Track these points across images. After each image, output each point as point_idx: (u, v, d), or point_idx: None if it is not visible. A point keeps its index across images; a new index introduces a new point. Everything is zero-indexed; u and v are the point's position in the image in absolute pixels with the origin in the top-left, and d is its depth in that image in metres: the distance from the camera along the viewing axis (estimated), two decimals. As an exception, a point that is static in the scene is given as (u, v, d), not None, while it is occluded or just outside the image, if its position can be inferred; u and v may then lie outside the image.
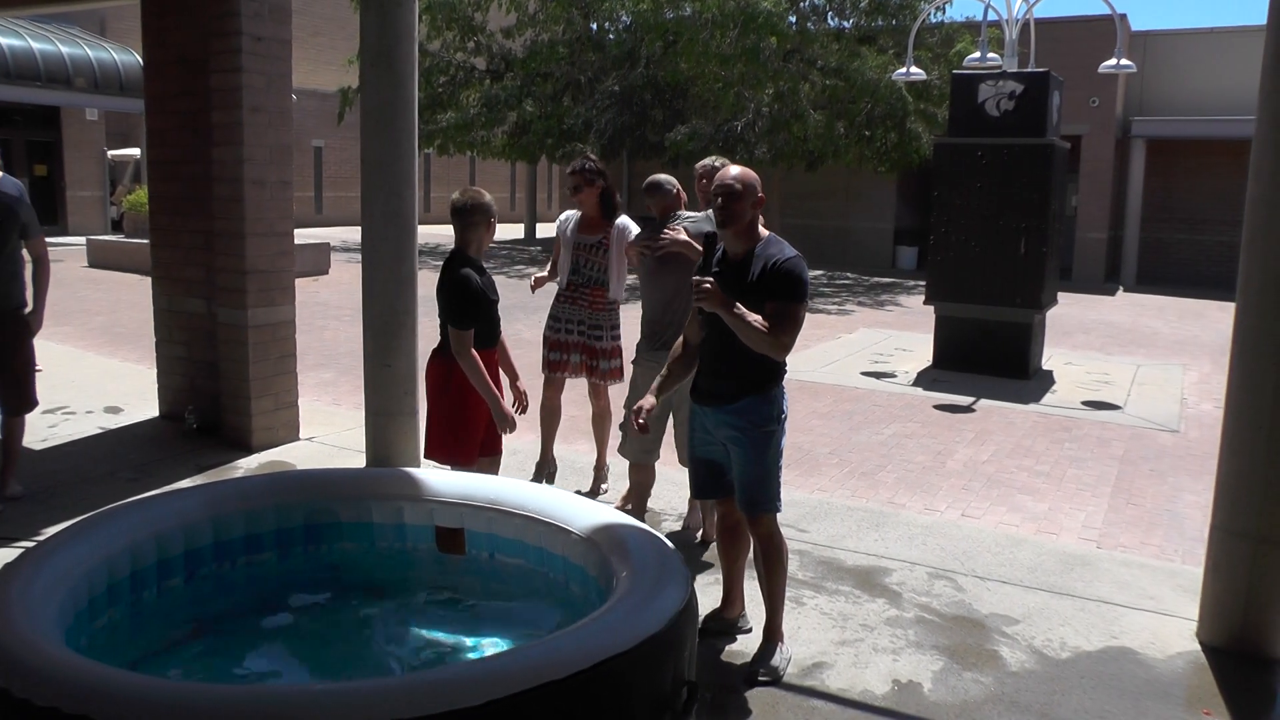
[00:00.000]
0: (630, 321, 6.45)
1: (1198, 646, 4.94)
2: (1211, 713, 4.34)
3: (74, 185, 28.60)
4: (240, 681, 3.80)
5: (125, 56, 27.02)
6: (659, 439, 6.04)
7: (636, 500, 6.18)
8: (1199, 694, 4.51)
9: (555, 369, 6.97)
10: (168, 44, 7.84)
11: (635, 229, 6.77)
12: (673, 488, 6.72)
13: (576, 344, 6.96)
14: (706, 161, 5.87)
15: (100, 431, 8.04)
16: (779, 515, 4.54)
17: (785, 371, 4.44)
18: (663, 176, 6.17)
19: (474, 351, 5.17)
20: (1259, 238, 4.73)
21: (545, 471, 7.08)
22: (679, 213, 6.06)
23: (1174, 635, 5.04)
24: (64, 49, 25.91)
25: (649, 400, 4.60)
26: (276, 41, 7.53)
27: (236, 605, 4.29)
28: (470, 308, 5.17)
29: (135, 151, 28.20)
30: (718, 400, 4.41)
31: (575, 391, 10.49)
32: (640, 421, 4.53)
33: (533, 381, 6.05)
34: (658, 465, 7.46)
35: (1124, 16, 17.68)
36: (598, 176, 6.91)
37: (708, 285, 4.12)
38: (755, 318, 4.13)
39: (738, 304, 4.14)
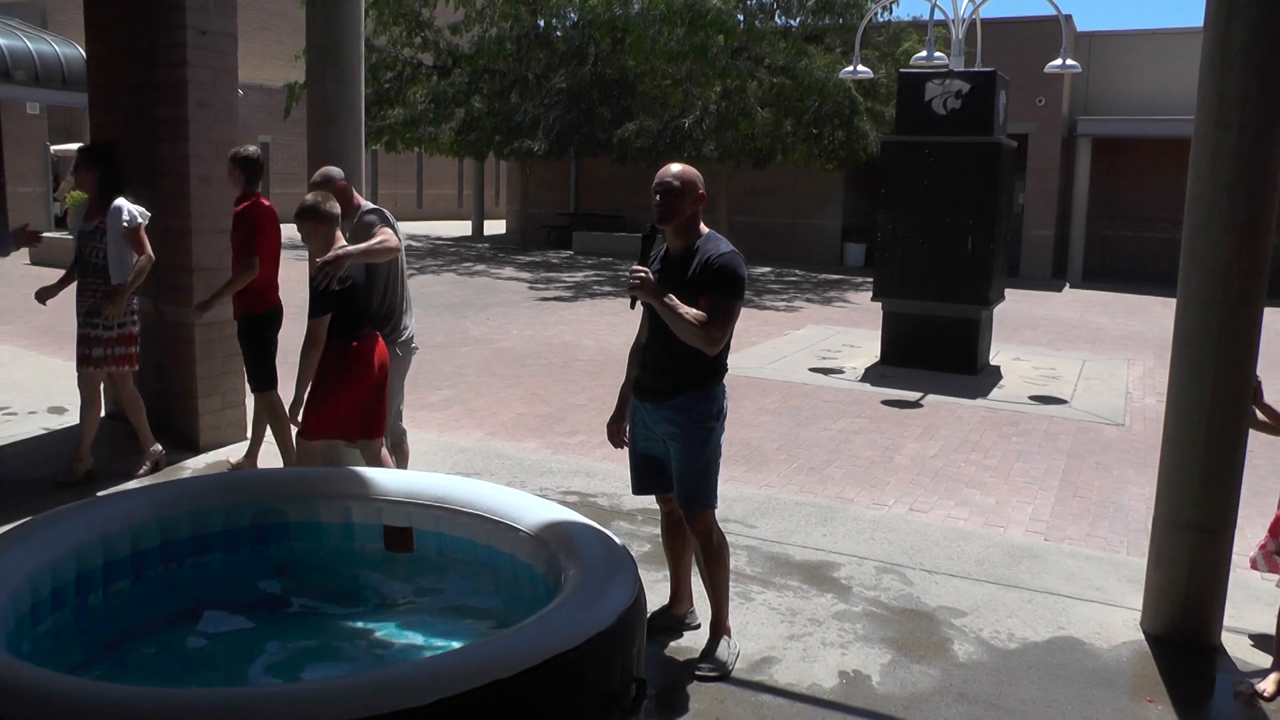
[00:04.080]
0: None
1: (1142, 636, 5.02)
2: (1154, 700, 4.41)
3: (15, 181, 28.15)
4: (186, 684, 3.76)
5: (68, 49, 26.61)
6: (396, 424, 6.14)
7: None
8: (1143, 682, 4.58)
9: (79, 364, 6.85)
10: (112, 37, 7.73)
11: (131, 210, 6.59)
12: (620, 484, 6.72)
13: (79, 335, 6.79)
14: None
15: (44, 432, 7.93)
16: (723, 511, 4.56)
17: (726, 369, 4.46)
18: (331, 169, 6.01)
19: (319, 341, 5.39)
20: (1198, 235, 4.80)
21: (79, 469, 6.86)
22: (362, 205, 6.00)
23: (1119, 625, 5.12)
24: (3, 41, 25.45)
25: (617, 415, 4.72)
26: (223, 35, 7.45)
27: (183, 607, 4.24)
28: (315, 297, 5.42)
29: (79, 146, 27.78)
30: (658, 396, 4.42)
31: (523, 388, 10.50)
32: (623, 439, 4.67)
33: (489, 381, 6.04)
34: (606, 465, 7.47)
35: (1069, 17, 17.86)
36: (97, 160, 6.69)
37: (641, 275, 4.13)
38: (688, 310, 4.15)
39: (670, 295, 4.15)
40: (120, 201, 6.59)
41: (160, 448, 7.08)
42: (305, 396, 5.47)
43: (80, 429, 6.86)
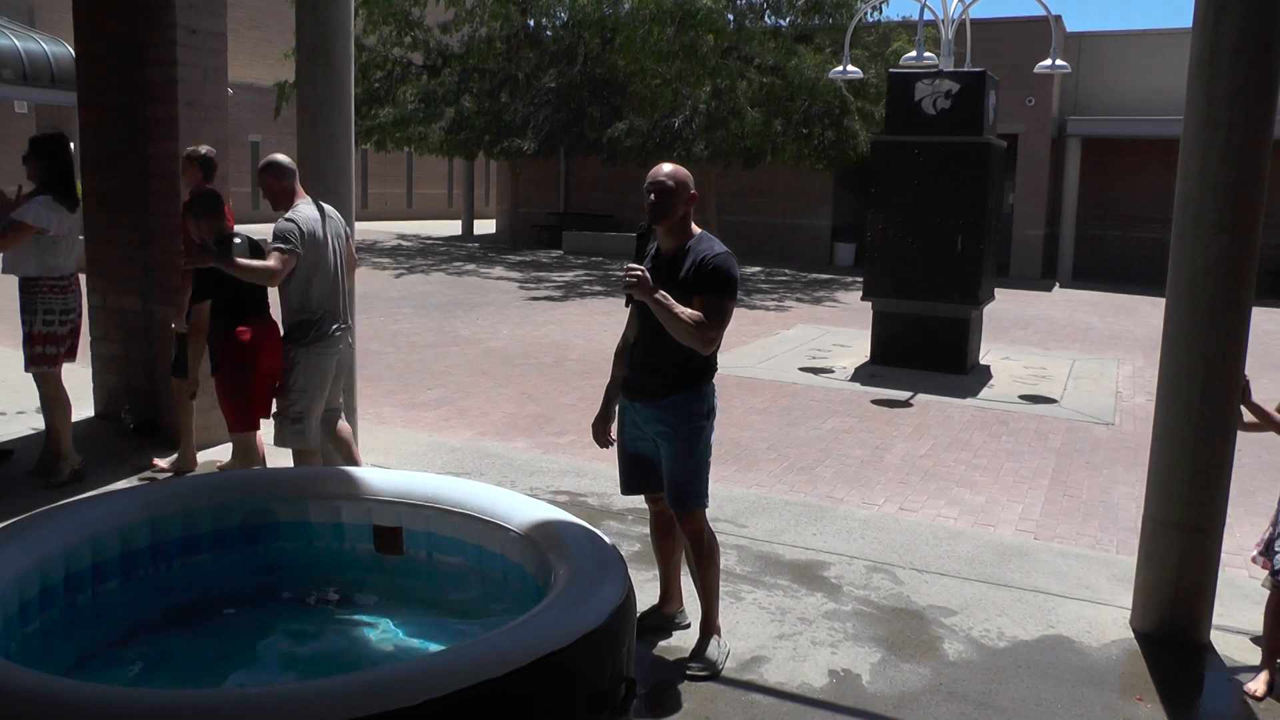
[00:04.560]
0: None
1: (1131, 634, 5.03)
2: (1144, 698, 4.42)
3: (3, 180, 28.04)
4: (176, 686, 3.75)
5: (56, 48, 26.48)
6: (317, 427, 5.99)
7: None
8: (1132, 680, 4.59)
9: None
10: (101, 36, 7.71)
11: (38, 210, 6.51)
12: (610, 484, 6.72)
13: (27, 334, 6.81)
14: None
15: (33, 433, 7.90)
16: (714, 510, 4.56)
17: (716, 369, 4.47)
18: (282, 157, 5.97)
19: (200, 326, 5.87)
20: (1187, 235, 4.82)
21: (67, 465, 6.83)
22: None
23: (1109, 623, 5.13)
24: (-10, 39, 25.35)
25: (603, 415, 4.70)
26: (212, 34, 7.43)
27: (173, 608, 4.23)
28: (196, 284, 5.86)
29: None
30: (648, 396, 4.42)
31: (513, 388, 10.50)
32: (608, 440, 4.67)
33: (479, 381, 6.04)
34: (596, 464, 7.47)
35: (1059, 18, 17.90)
36: (41, 153, 6.67)
37: (638, 273, 4.13)
38: (684, 310, 4.15)
39: (664, 293, 4.16)
40: (38, 199, 6.51)
41: (79, 459, 6.93)
42: (196, 378, 6.16)
43: (55, 429, 6.85)
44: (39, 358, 6.70)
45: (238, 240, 5.76)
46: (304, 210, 5.76)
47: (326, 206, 6.03)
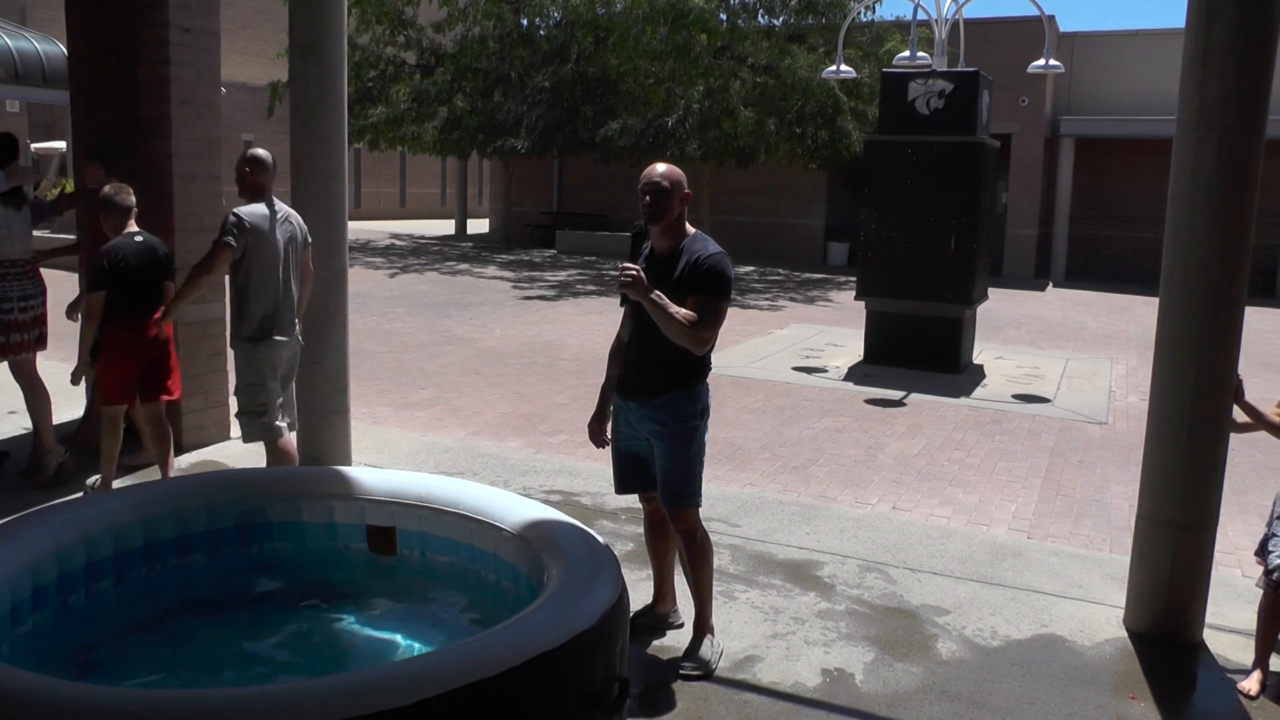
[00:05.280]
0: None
1: (1124, 633, 5.04)
2: (1137, 697, 4.43)
3: (-3, 180, 27.95)
4: (168, 686, 3.74)
5: (49, 47, 26.41)
6: (277, 411, 6.00)
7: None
8: (1125, 679, 4.60)
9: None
10: (94, 35, 7.68)
11: None
12: (603, 483, 6.71)
13: None
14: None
15: (25, 432, 7.87)
16: (707, 509, 4.56)
17: (710, 368, 4.47)
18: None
19: (93, 313, 6.16)
20: (1180, 235, 4.82)
21: (51, 461, 6.84)
22: None
23: (1102, 622, 5.14)
24: (-19, 39, 25.30)
25: (599, 415, 4.70)
26: (205, 33, 7.42)
27: (166, 608, 4.22)
28: (95, 274, 6.12)
29: (61, 144, 27.57)
30: (642, 395, 4.42)
31: (506, 388, 10.49)
32: (604, 439, 4.68)
33: (472, 380, 6.01)
34: (589, 464, 7.46)
35: (1052, 18, 17.90)
36: None
37: (633, 274, 4.13)
38: (678, 310, 4.16)
39: (659, 293, 4.16)
40: None
41: (65, 452, 6.94)
42: (88, 362, 6.38)
43: (36, 424, 6.84)
44: (2, 348, 6.72)
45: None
46: (255, 206, 5.84)
47: (290, 211, 6.06)
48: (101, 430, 6.35)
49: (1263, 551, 4.63)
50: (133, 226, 6.22)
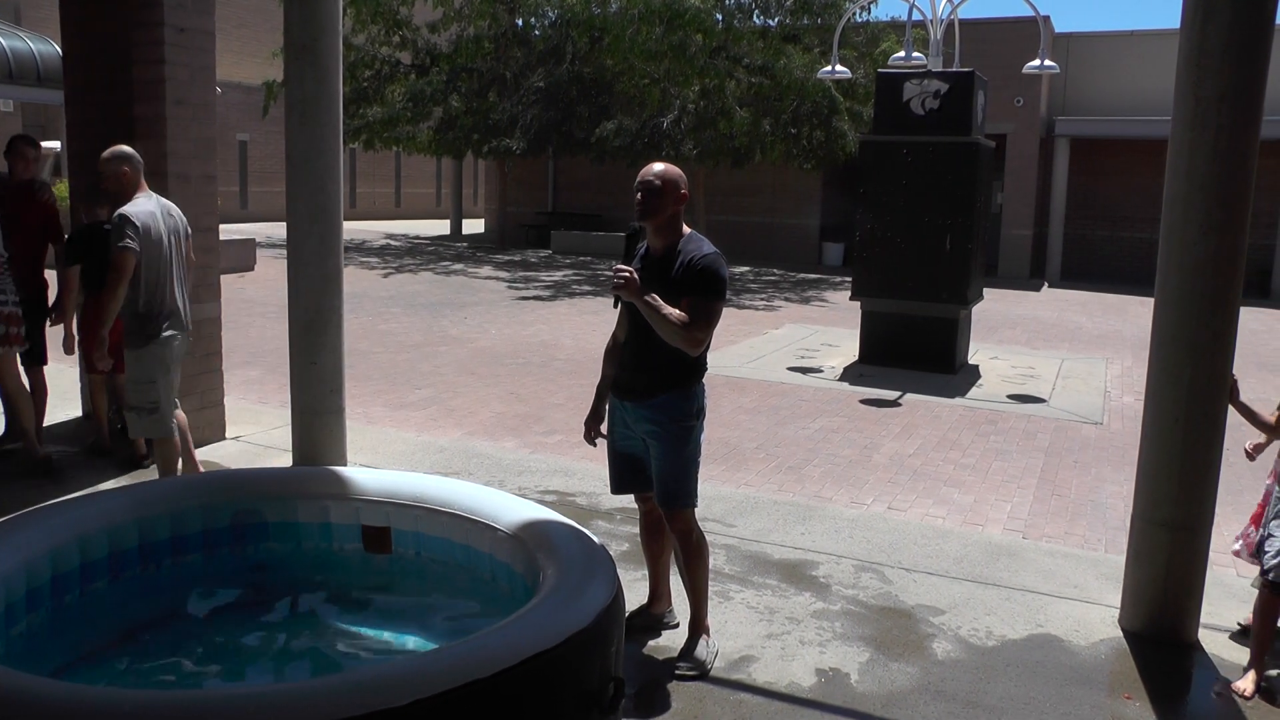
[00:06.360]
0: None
1: (1120, 633, 5.04)
2: (1132, 696, 4.43)
3: (-11, 180, 27.89)
4: (164, 686, 3.73)
5: (43, 46, 26.36)
6: (171, 408, 6.01)
7: (166, 470, 6.11)
8: (1120, 679, 4.60)
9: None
10: (88, 34, 7.66)
11: None
12: (599, 484, 6.72)
13: None
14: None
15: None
16: (702, 510, 4.56)
17: (705, 369, 4.47)
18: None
19: (72, 285, 7.02)
20: (1175, 235, 4.82)
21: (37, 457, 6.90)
22: None
23: (1097, 622, 5.14)
24: (-26, 39, 25.24)
25: (594, 414, 4.71)
26: (200, 33, 7.41)
27: (162, 608, 4.22)
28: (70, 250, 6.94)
29: (55, 144, 27.53)
30: (638, 395, 4.42)
31: (501, 388, 10.49)
32: (597, 436, 4.71)
33: (467, 380, 6.00)
34: (585, 464, 7.46)
35: (1047, 18, 17.91)
36: None
37: (625, 274, 4.13)
38: (671, 310, 4.15)
39: (652, 294, 4.15)
40: None
41: (44, 451, 6.97)
42: (72, 333, 7.09)
43: (19, 423, 6.84)
44: (16, 338, 6.73)
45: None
46: (141, 205, 5.84)
47: (169, 204, 6.09)
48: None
49: (1258, 552, 4.63)
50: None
